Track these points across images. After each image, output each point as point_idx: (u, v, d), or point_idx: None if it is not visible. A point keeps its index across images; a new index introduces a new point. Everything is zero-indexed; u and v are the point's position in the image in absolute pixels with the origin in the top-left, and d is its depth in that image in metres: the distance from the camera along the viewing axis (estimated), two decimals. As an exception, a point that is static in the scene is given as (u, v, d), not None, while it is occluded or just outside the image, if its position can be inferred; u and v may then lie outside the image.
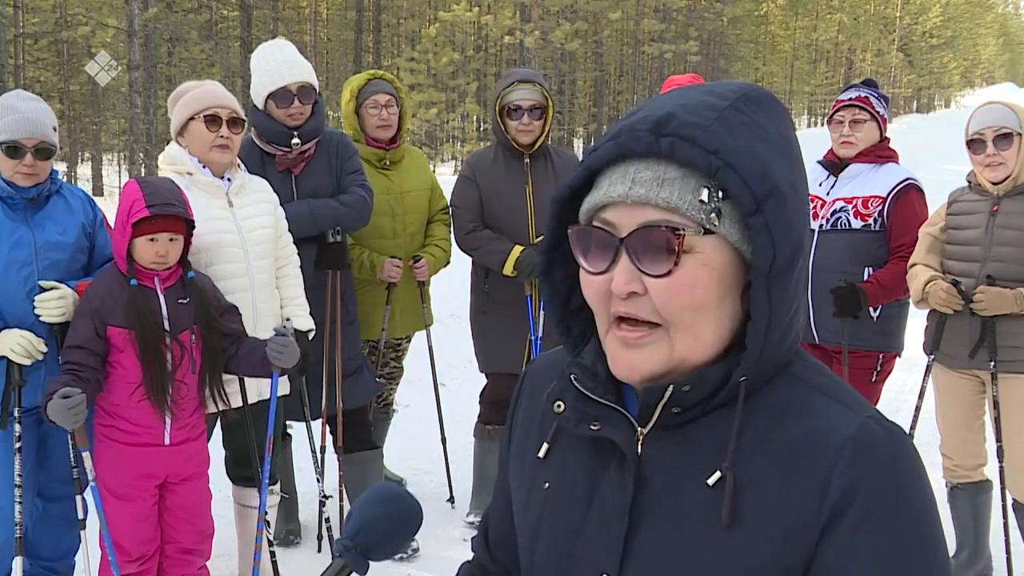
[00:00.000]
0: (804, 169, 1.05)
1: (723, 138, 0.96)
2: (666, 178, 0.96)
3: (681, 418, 1.02)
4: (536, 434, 1.16)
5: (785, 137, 1.03)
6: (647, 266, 0.97)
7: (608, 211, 0.99)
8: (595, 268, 1.01)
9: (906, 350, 4.08)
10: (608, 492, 1.04)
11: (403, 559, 4.03)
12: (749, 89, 1.03)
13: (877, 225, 3.86)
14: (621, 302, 0.99)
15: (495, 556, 1.28)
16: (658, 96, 1.04)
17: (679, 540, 0.99)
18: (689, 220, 0.96)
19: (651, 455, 1.03)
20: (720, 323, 1.00)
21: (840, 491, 0.94)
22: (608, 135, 1.02)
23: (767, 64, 44.10)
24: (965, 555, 3.88)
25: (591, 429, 1.05)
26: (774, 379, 1.02)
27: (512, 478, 1.20)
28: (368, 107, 4.25)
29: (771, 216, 0.96)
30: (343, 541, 1.14)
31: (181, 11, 22.68)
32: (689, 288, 0.97)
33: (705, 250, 0.97)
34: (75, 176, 26.13)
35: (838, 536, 0.94)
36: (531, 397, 1.20)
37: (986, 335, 3.51)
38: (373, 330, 4.34)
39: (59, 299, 3.09)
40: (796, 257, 0.99)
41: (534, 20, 23.14)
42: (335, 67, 33.79)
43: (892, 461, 0.96)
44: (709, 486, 0.98)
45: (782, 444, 0.98)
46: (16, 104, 3.13)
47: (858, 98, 3.97)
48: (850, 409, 1.00)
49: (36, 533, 3.41)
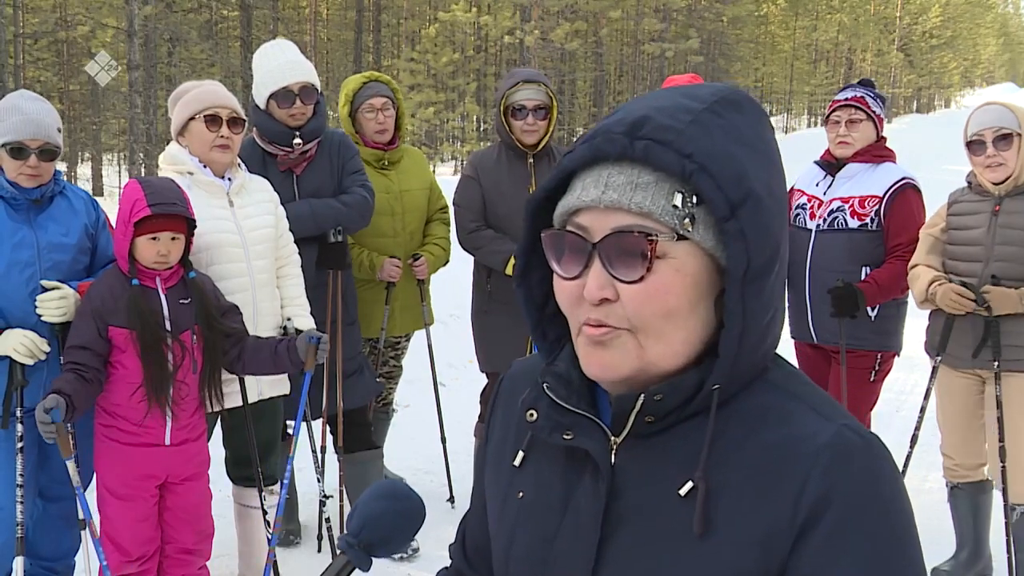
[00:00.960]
0: (783, 172, 1.03)
1: (698, 141, 0.94)
2: (639, 182, 0.95)
3: (654, 427, 1.00)
4: (512, 441, 1.14)
5: (763, 140, 1.01)
6: (619, 271, 0.95)
7: (581, 215, 0.98)
8: (568, 273, 0.99)
9: (905, 349, 4.09)
10: (582, 501, 1.03)
11: (403, 559, 4.04)
12: (727, 92, 1.01)
13: (874, 225, 3.87)
14: (593, 308, 0.97)
15: (472, 563, 1.27)
16: (635, 98, 1.03)
17: (652, 550, 0.98)
18: (662, 225, 0.94)
19: (625, 464, 1.01)
20: (691, 330, 0.98)
21: (815, 499, 0.93)
22: (584, 137, 1.00)
23: (767, 64, 44.09)
24: (965, 555, 3.88)
25: (564, 438, 1.03)
26: (750, 386, 1.00)
27: (488, 485, 1.19)
28: (364, 111, 4.26)
29: (746, 221, 0.94)
30: (346, 537, 1.14)
31: (181, 11, 22.66)
32: (662, 294, 0.95)
33: (678, 256, 0.95)
34: (75, 176, 26.14)
35: (813, 544, 0.92)
36: (507, 403, 1.18)
37: (990, 334, 3.51)
38: (372, 329, 4.35)
39: (60, 299, 3.09)
40: (773, 262, 0.97)
41: (534, 20, 23.14)
42: (335, 67, 33.78)
43: (868, 470, 0.95)
44: (681, 496, 0.96)
45: (757, 451, 0.96)
46: (20, 105, 3.13)
47: (854, 98, 3.98)
48: (826, 417, 0.98)
49: (36, 533, 3.41)
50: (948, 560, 3.91)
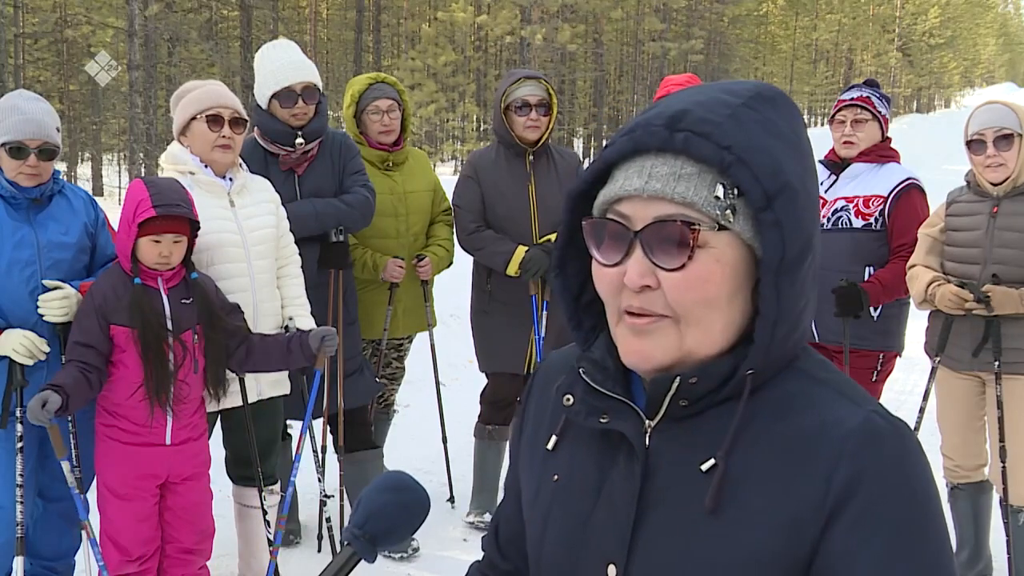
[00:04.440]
0: (815, 168, 1.06)
1: (736, 135, 0.97)
2: (682, 173, 0.97)
3: (688, 410, 1.03)
4: (547, 427, 1.17)
5: (797, 135, 1.04)
6: (661, 259, 0.98)
7: (623, 204, 1.00)
8: (608, 260, 1.01)
9: (906, 350, 4.09)
10: (616, 483, 1.05)
11: (403, 559, 4.04)
12: (763, 88, 1.05)
13: (878, 224, 3.87)
14: (633, 295, 1.00)
15: (505, 553, 1.29)
16: (674, 94, 1.05)
17: (685, 529, 1.00)
18: (704, 216, 0.97)
19: (659, 447, 1.04)
20: (730, 318, 1.01)
21: (844, 481, 0.95)
22: (623, 130, 1.02)
23: (767, 64, 44.13)
24: (965, 555, 3.88)
25: (600, 422, 1.06)
26: (780, 373, 1.03)
27: (522, 471, 1.21)
28: (370, 113, 4.26)
29: (782, 212, 0.97)
30: (351, 529, 1.14)
31: (181, 11, 22.65)
32: (702, 283, 0.98)
33: (719, 246, 0.98)
34: (75, 176, 26.11)
35: (843, 526, 0.95)
36: (542, 392, 1.21)
37: (990, 335, 3.51)
38: (375, 330, 4.35)
39: (63, 299, 3.09)
40: (806, 254, 0.99)
41: (534, 21, 23.13)
42: (335, 67, 33.79)
43: (896, 454, 0.97)
44: (703, 473, 0.99)
45: (787, 435, 0.99)
46: (20, 104, 3.13)
47: (860, 98, 3.98)
48: (855, 403, 1.01)
49: (36, 533, 3.41)
50: (949, 560, 3.91)
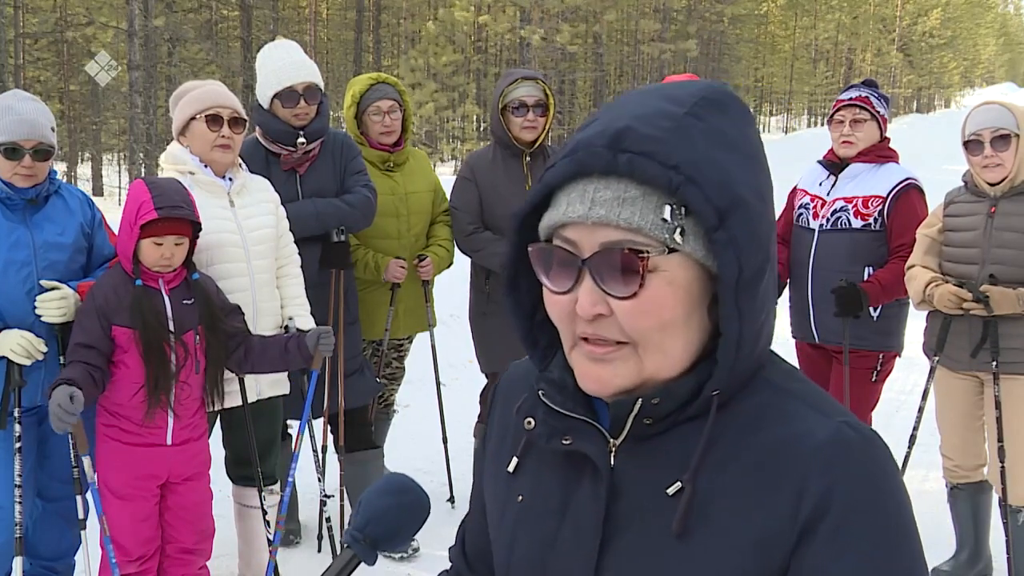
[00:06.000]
0: (768, 170, 1.01)
1: (682, 150, 0.92)
2: (626, 197, 0.93)
3: (653, 429, 1.00)
4: (509, 446, 1.13)
5: (748, 140, 0.99)
6: (611, 288, 0.94)
7: (568, 230, 0.96)
8: (559, 288, 0.98)
9: (906, 350, 4.09)
10: (582, 504, 1.02)
11: (403, 559, 4.04)
12: (708, 91, 0.99)
13: (877, 225, 3.87)
14: (587, 323, 0.96)
15: (473, 566, 1.26)
16: (614, 102, 1.01)
17: (652, 552, 0.97)
18: (652, 240, 0.93)
19: (624, 466, 1.01)
20: (689, 338, 0.97)
21: (816, 497, 0.92)
22: (565, 150, 0.97)
23: (767, 64, 44.11)
24: (965, 555, 3.88)
25: (563, 443, 1.03)
26: (747, 385, 1.00)
27: (486, 487, 1.18)
28: (371, 114, 4.25)
29: (736, 229, 0.92)
30: (352, 532, 1.14)
31: (181, 11, 22.66)
32: (656, 308, 0.94)
33: (670, 268, 0.94)
34: (75, 176, 26.10)
35: (816, 542, 0.92)
36: (504, 407, 1.18)
37: (988, 335, 3.51)
38: (376, 330, 4.34)
39: (60, 299, 3.09)
40: (764, 267, 0.96)
41: (534, 21, 23.13)
42: (335, 67, 33.77)
43: (868, 467, 0.94)
44: (670, 496, 0.96)
45: (755, 451, 0.96)
46: (14, 105, 3.13)
47: (858, 98, 3.97)
48: (825, 415, 0.97)
49: (36, 533, 3.41)
50: (948, 560, 3.91)
